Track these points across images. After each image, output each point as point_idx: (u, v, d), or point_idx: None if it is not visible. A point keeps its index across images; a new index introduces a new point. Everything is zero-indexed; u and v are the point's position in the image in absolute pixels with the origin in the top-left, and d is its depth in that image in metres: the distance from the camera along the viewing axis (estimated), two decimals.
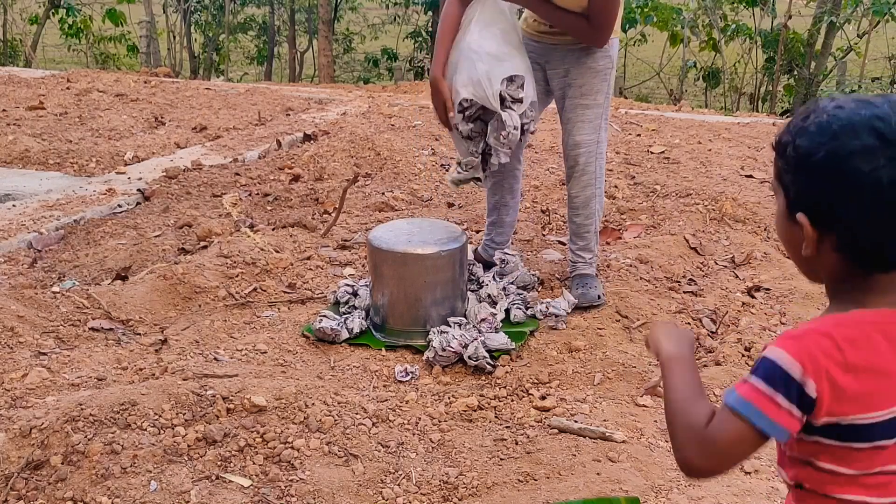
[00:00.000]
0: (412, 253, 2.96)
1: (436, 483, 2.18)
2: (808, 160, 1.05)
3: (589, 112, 3.11)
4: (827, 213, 1.05)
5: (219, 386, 2.40)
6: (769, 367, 1.04)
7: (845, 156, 1.02)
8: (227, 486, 2.10)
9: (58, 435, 2.18)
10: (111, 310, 3.10)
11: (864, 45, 9.50)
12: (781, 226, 1.13)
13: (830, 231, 1.05)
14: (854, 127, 1.03)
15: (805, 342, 1.03)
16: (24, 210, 4.24)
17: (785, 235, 1.13)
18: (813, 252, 1.08)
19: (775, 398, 1.02)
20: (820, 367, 1.02)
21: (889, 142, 1.01)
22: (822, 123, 1.05)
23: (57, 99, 6.72)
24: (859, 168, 1.01)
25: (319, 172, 4.92)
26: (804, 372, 1.01)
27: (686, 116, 6.81)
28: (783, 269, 3.61)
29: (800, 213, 1.07)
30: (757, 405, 1.03)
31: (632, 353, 2.86)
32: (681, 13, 10.27)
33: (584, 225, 3.25)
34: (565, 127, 3.16)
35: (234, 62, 13.42)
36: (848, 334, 1.04)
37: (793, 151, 1.08)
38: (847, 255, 1.06)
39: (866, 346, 1.04)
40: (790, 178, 1.09)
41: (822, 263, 1.09)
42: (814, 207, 1.06)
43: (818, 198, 1.05)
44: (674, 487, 2.18)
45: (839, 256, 1.07)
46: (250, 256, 3.48)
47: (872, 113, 1.03)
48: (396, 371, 2.77)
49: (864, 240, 1.04)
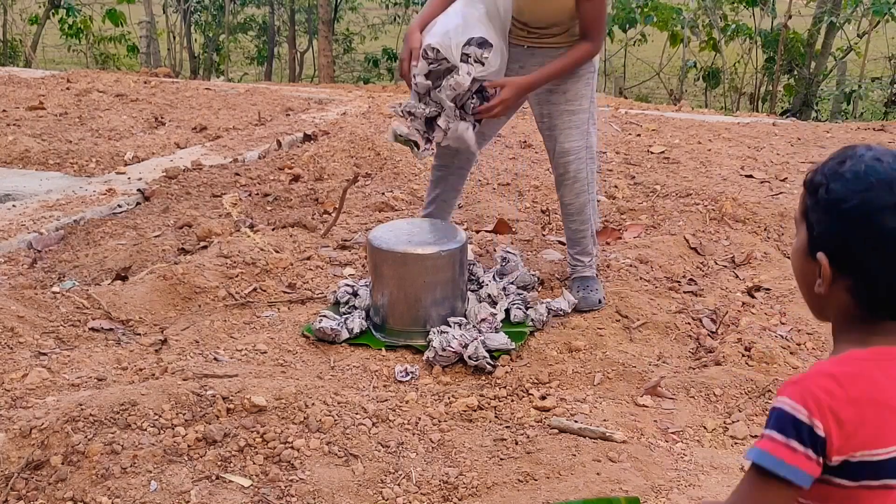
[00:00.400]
0: (412, 253, 2.96)
1: (436, 483, 2.19)
2: (839, 205, 1.09)
3: (576, 118, 3.08)
4: (848, 258, 1.09)
5: (219, 386, 2.40)
6: (779, 416, 1.07)
7: (877, 209, 1.06)
8: (228, 486, 2.10)
9: (58, 435, 2.18)
10: (111, 310, 3.10)
11: (864, 45, 9.50)
12: (798, 260, 1.17)
13: (847, 275, 1.10)
14: (891, 183, 1.07)
15: (806, 384, 1.07)
16: (24, 210, 4.24)
17: (800, 270, 1.18)
18: (826, 292, 1.12)
19: (790, 444, 1.05)
20: (823, 406, 1.05)
21: None
22: (858, 172, 1.09)
23: (57, 99, 6.72)
24: (888, 224, 1.06)
25: (319, 172, 4.92)
26: (810, 414, 1.05)
27: (686, 116, 6.81)
28: (783, 269, 3.61)
29: (820, 253, 1.11)
30: (775, 455, 1.06)
31: (632, 353, 2.86)
32: (681, 13, 10.26)
33: (581, 231, 3.24)
34: (551, 134, 3.12)
35: (234, 62, 13.42)
36: (847, 371, 1.08)
37: (825, 193, 1.11)
38: (859, 299, 1.10)
39: (867, 381, 1.07)
40: (816, 218, 1.12)
41: (832, 303, 1.14)
42: (835, 250, 1.10)
43: (842, 242, 1.09)
44: (674, 487, 2.18)
45: (851, 299, 1.11)
46: (250, 256, 3.48)
47: None
48: (396, 371, 2.77)
49: (881, 289, 1.09)
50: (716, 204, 4.29)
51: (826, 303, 1.14)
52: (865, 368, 1.08)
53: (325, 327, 2.93)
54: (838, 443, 1.05)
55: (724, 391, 2.65)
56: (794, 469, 1.05)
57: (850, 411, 1.05)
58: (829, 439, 1.04)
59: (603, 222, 4.21)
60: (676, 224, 4.11)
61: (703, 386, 2.67)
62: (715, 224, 4.12)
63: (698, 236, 3.94)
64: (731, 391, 2.65)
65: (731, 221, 4.14)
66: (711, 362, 2.83)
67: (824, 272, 1.10)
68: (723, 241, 3.93)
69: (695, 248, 3.83)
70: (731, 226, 4.10)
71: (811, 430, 1.04)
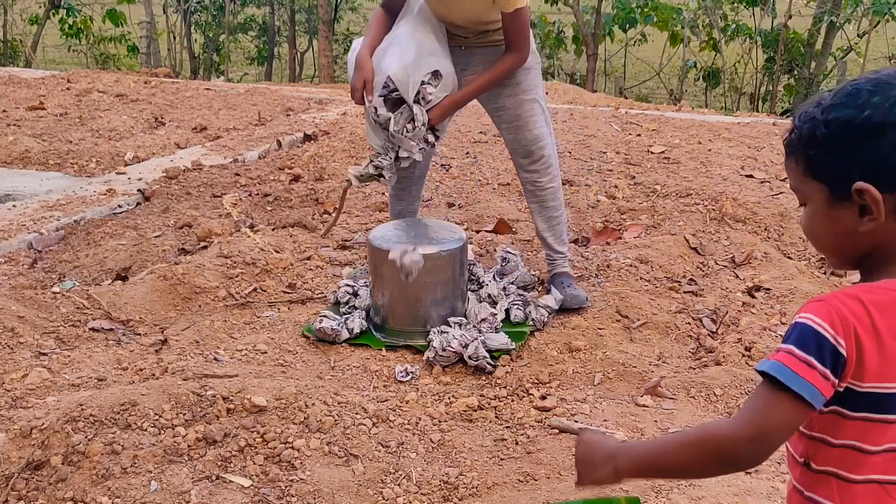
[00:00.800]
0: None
1: (436, 483, 2.19)
2: (849, 126, 1.04)
3: (536, 106, 3.15)
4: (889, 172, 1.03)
5: (219, 386, 2.40)
6: (802, 331, 1.02)
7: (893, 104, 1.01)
8: (228, 487, 2.10)
9: (58, 435, 2.18)
10: (111, 310, 3.10)
11: (864, 45, 9.50)
12: (821, 221, 1.11)
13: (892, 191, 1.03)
14: (888, 79, 1.03)
15: (833, 302, 1.02)
16: (24, 210, 4.24)
17: (827, 228, 1.10)
18: (883, 219, 1.04)
19: (808, 360, 1.01)
20: (849, 326, 1.00)
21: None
22: (851, 92, 1.05)
23: (57, 99, 6.72)
24: None
25: (319, 172, 4.92)
26: (835, 332, 1.00)
27: (686, 116, 6.81)
28: (783, 269, 3.61)
29: (859, 183, 1.03)
30: (791, 367, 1.01)
31: (632, 353, 2.86)
32: (681, 13, 10.27)
33: (556, 217, 3.27)
34: (515, 125, 3.15)
35: (234, 62, 13.42)
36: (875, 299, 1.03)
37: (826, 129, 1.06)
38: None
39: (892, 312, 1.02)
40: (830, 161, 1.06)
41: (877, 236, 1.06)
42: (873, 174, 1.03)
43: (877, 161, 1.03)
44: (674, 487, 2.18)
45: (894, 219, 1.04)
46: (250, 256, 3.48)
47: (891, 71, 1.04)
48: (397, 371, 2.77)
49: None
50: (716, 204, 4.29)
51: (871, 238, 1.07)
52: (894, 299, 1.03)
53: (326, 327, 2.93)
54: (854, 368, 1.01)
55: (724, 391, 2.65)
56: (810, 386, 1.00)
57: (871, 343, 1.01)
58: (848, 361, 1.00)
59: (603, 222, 4.21)
60: (676, 224, 4.11)
61: (704, 386, 2.67)
62: (715, 224, 4.12)
63: (698, 236, 3.94)
64: (731, 391, 2.65)
65: (731, 221, 4.14)
66: (712, 362, 2.83)
67: (874, 198, 1.03)
68: (723, 241, 3.93)
69: (695, 248, 3.83)
70: (731, 226, 4.10)
71: (834, 350, 1.00)
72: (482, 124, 6.05)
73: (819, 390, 1.01)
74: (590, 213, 4.34)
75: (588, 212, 4.35)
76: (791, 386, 1.00)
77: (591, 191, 4.63)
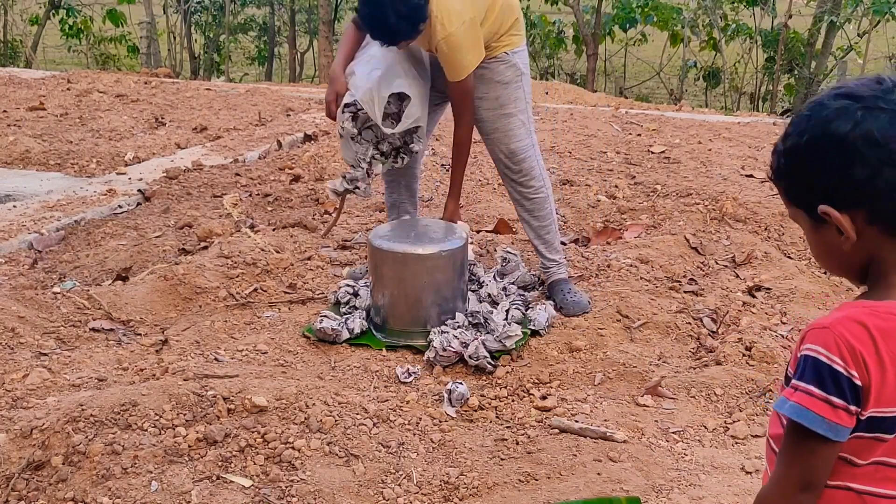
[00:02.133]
0: (412, 253, 2.96)
1: (436, 483, 2.19)
2: (796, 153, 1.08)
3: (514, 119, 3.14)
4: (842, 189, 1.04)
5: (219, 386, 2.40)
6: (815, 366, 1.02)
7: (825, 126, 1.04)
8: (228, 487, 2.10)
9: (59, 435, 2.18)
10: (112, 310, 3.10)
11: (864, 45, 9.49)
12: (813, 244, 1.13)
13: (858, 207, 1.04)
14: (821, 101, 1.06)
15: (839, 331, 1.02)
16: (24, 211, 4.24)
17: (824, 247, 1.11)
18: (854, 236, 1.05)
19: (830, 399, 1.01)
20: (858, 356, 1.00)
21: (858, 96, 1.03)
22: (794, 122, 1.09)
23: (57, 100, 6.72)
24: (841, 129, 1.02)
25: (320, 172, 4.92)
26: (847, 364, 1.00)
27: (686, 116, 6.80)
28: (784, 269, 3.61)
29: (822, 206, 1.05)
30: (815, 410, 1.02)
31: (632, 352, 2.86)
32: (681, 13, 10.26)
33: (545, 227, 3.27)
34: (493, 137, 3.18)
35: (235, 63, 13.40)
36: (881, 325, 1.02)
37: (784, 159, 1.10)
38: (881, 221, 1.04)
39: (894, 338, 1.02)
40: (796, 188, 1.10)
41: (866, 248, 1.06)
42: (830, 193, 1.05)
43: (827, 181, 1.05)
44: (674, 487, 2.18)
45: (876, 229, 1.05)
46: (251, 257, 3.48)
47: (832, 87, 1.07)
48: (399, 372, 2.77)
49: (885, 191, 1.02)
50: (716, 204, 4.29)
51: (861, 253, 1.07)
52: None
53: (326, 327, 2.93)
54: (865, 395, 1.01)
55: (724, 391, 2.65)
56: (835, 426, 1.01)
57: (877, 368, 1.01)
58: (864, 388, 1.01)
59: (603, 222, 4.21)
60: (677, 224, 4.11)
61: (704, 386, 2.67)
62: (715, 224, 4.12)
63: (699, 236, 3.94)
64: (731, 391, 2.65)
65: (731, 221, 4.14)
66: (712, 362, 2.83)
67: (837, 219, 1.04)
68: (723, 240, 3.93)
69: (695, 247, 3.83)
70: (731, 225, 4.10)
71: (850, 382, 1.00)
72: None
73: (843, 426, 1.02)
74: (590, 212, 4.35)
75: (588, 211, 4.36)
76: (818, 430, 1.01)
77: (592, 191, 4.63)
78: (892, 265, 1.07)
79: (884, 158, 1.01)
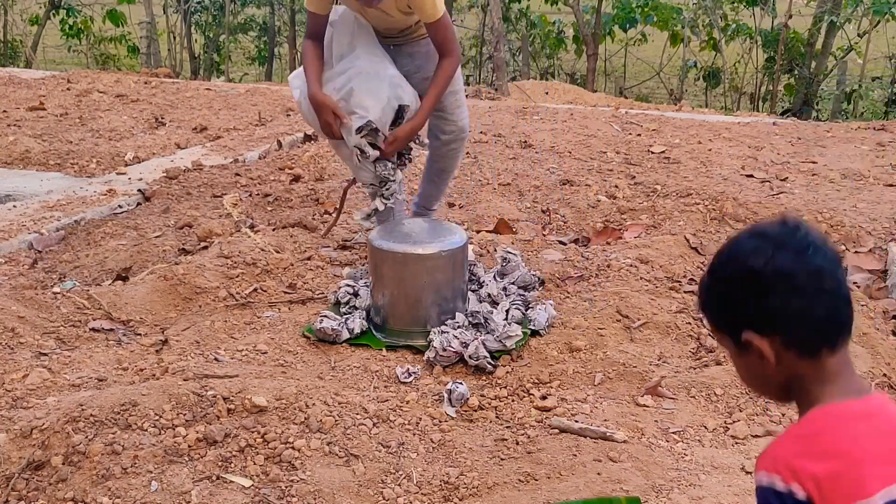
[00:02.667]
0: (412, 253, 2.96)
1: (436, 483, 2.19)
2: (720, 285, 1.22)
3: (459, 96, 3.43)
4: (760, 317, 1.17)
5: (219, 386, 2.40)
6: (761, 493, 1.12)
7: (743, 261, 1.18)
8: (228, 487, 2.10)
9: (58, 435, 2.18)
10: (112, 310, 3.10)
11: (864, 45, 9.49)
12: (739, 367, 1.25)
13: (773, 333, 1.16)
14: (739, 241, 1.21)
15: (775, 452, 1.14)
16: (24, 211, 4.24)
17: (749, 370, 1.23)
18: (773, 360, 1.17)
19: None
20: (795, 468, 1.09)
21: (768, 236, 1.18)
22: (716, 258, 1.24)
23: (57, 100, 6.72)
24: (756, 265, 1.16)
25: (320, 173, 4.92)
26: (784, 480, 1.09)
27: (686, 116, 6.80)
28: None
29: (745, 332, 1.18)
30: None
31: (632, 352, 2.86)
32: (681, 13, 10.27)
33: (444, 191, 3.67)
34: (441, 115, 3.40)
35: (235, 63, 13.41)
36: (812, 430, 1.13)
37: (709, 291, 1.24)
38: (795, 345, 1.16)
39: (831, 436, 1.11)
40: (722, 314, 1.23)
41: (784, 371, 1.18)
42: (750, 321, 1.18)
43: (746, 310, 1.18)
44: (674, 487, 2.18)
45: (792, 353, 1.16)
46: (251, 257, 3.48)
47: (747, 228, 1.23)
48: (399, 372, 2.77)
49: (796, 318, 1.15)
50: (716, 204, 4.29)
51: (781, 375, 1.19)
52: (828, 424, 1.13)
53: (326, 327, 2.93)
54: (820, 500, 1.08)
55: (724, 391, 2.65)
56: None
57: (822, 467, 1.08)
58: (811, 497, 1.08)
59: (603, 222, 4.21)
60: (677, 224, 4.11)
61: (704, 386, 2.67)
62: (715, 224, 4.12)
63: (699, 236, 3.94)
64: (731, 391, 2.65)
65: (731, 221, 4.14)
66: (712, 362, 2.83)
67: (757, 343, 1.17)
68: (723, 240, 3.92)
69: (695, 247, 3.82)
70: (731, 226, 4.10)
71: (792, 496, 1.09)
72: (482, 124, 6.05)
73: None
74: (590, 212, 4.35)
75: (588, 211, 4.36)
76: None
77: (592, 191, 4.63)
78: (810, 382, 1.18)
79: (791, 290, 1.14)
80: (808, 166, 5.17)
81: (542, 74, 11.63)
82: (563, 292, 3.35)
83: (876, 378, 2.84)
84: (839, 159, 5.34)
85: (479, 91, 8.14)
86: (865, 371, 2.86)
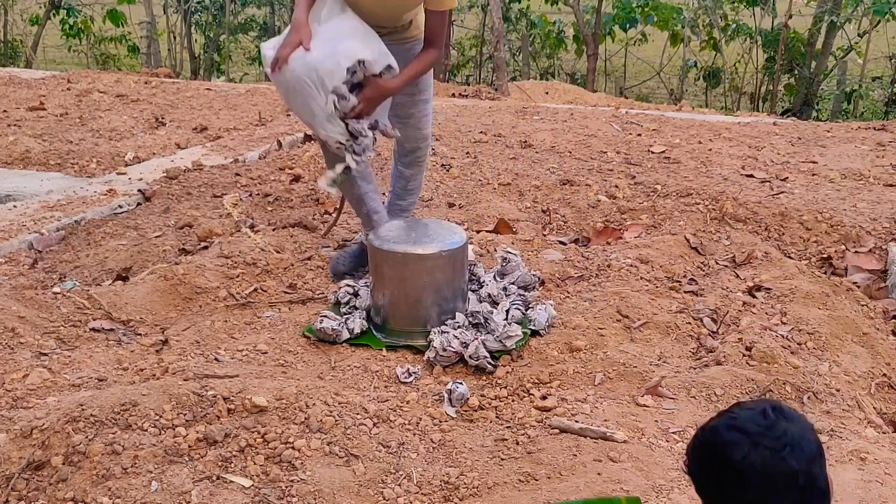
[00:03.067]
0: (412, 253, 2.96)
1: (437, 483, 2.19)
2: (701, 466, 1.33)
3: (428, 106, 3.40)
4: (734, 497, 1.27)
5: (219, 386, 2.41)
6: None
7: (722, 452, 1.28)
8: (228, 487, 2.10)
9: (59, 435, 2.18)
10: (112, 310, 3.10)
11: (864, 45, 9.49)
12: None
13: None
14: (717, 430, 1.31)
15: None
16: (24, 211, 4.24)
17: None
18: None
19: None
20: None
21: (748, 432, 1.27)
22: (696, 441, 1.34)
23: (57, 100, 6.72)
24: (734, 457, 1.27)
25: (320, 172, 4.91)
26: None
27: (686, 116, 6.80)
28: (784, 269, 3.61)
29: None
30: None
31: (633, 352, 2.86)
32: (681, 13, 10.27)
33: (413, 203, 3.61)
34: (409, 122, 3.36)
35: (235, 62, 13.41)
36: None
37: (692, 465, 1.35)
38: None
39: None
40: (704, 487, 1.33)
41: None
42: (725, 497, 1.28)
43: (725, 494, 1.28)
44: (675, 487, 2.18)
45: None
46: (251, 257, 3.48)
47: (725, 418, 1.32)
48: (399, 372, 2.77)
49: None
50: (716, 203, 4.29)
51: None
52: None
53: (326, 327, 2.93)
54: None
55: (724, 391, 2.65)
56: None
57: None
58: None
59: (603, 222, 4.21)
60: (677, 224, 4.11)
61: (704, 386, 2.67)
62: (715, 224, 4.12)
63: (699, 236, 3.94)
64: (731, 391, 2.65)
65: (731, 221, 4.14)
66: (712, 362, 2.83)
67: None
68: (723, 240, 3.93)
69: (695, 247, 3.83)
70: (731, 225, 4.10)
71: None
72: (482, 124, 6.05)
73: None
74: (590, 212, 4.35)
75: (588, 211, 4.36)
76: None
77: (592, 191, 4.63)
78: None
79: (767, 486, 1.24)
80: (808, 166, 5.17)
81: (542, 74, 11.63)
82: (563, 292, 3.36)
83: (876, 378, 2.84)
84: (839, 159, 5.34)
85: (479, 91, 8.15)
86: (865, 371, 2.86)
